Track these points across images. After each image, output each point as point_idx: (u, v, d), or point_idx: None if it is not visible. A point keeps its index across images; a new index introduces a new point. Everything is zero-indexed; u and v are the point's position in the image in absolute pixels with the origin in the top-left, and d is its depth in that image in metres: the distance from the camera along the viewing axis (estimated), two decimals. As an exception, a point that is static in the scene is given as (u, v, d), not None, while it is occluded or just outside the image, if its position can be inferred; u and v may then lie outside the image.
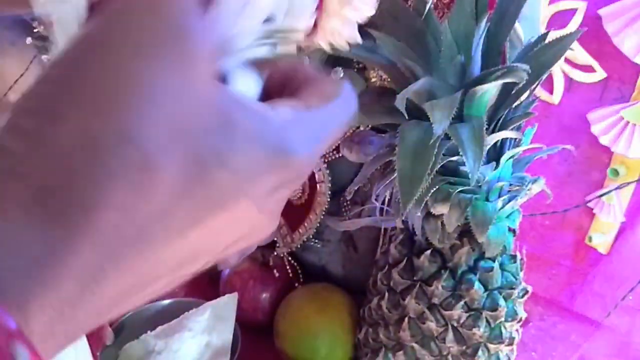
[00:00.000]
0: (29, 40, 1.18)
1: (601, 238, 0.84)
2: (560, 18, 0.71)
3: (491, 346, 0.47)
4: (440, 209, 0.42)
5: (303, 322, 0.58)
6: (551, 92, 0.77)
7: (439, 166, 0.38)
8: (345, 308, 0.59)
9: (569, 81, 0.74)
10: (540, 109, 0.79)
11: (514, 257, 0.48)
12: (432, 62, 0.40)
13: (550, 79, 0.75)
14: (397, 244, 0.49)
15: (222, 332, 0.56)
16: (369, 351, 0.53)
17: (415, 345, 0.48)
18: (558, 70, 0.74)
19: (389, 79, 0.51)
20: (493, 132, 0.38)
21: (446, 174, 0.41)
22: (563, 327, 0.73)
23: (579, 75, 0.74)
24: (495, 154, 0.42)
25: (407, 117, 0.36)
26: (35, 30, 0.89)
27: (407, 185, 0.35)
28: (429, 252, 0.46)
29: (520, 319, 0.49)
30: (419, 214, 0.44)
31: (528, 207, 0.84)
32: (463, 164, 0.40)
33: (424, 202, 0.41)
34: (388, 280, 0.50)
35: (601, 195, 0.81)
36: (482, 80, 0.35)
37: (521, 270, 0.49)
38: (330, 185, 0.62)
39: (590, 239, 0.83)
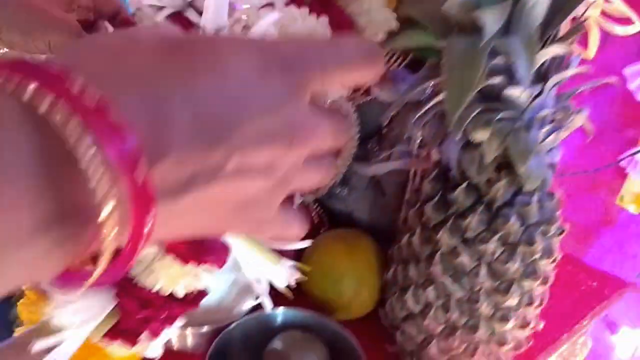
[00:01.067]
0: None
1: (633, 198, 0.82)
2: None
3: (525, 283, 0.46)
4: (480, 136, 0.41)
5: (330, 264, 0.57)
6: (586, 46, 0.74)
7: (482, 85, 0.37)
8: (372, 251, 0.59)
9: (605, 35, 0.72)
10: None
11: (552, 194, 0.47)
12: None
13: (584, 33, 0.72)
14: (431, 179, 0.48)
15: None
16: (397, 290, 0.52)
17: (447, 281, 0.47)
18: (593, 23, 0.72)
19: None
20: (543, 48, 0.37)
21: (488, 99, 0.40)
22: (592, 287, 0.72)
23: (615, 29, 0.72)
24: (539, 79, 0.41)
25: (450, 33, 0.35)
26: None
27: (456, 93, 0.34)
28: (464, 185, 0.45)
29: (555, 259, 0.48)
30: (455, 145, 0.43)
31: (558, 168, 0.82)
32: (506, 86, 0.39)
33: (463, 127, 0.39)
34: (420, 217, 0.49)
35: (634, 154, 0.79)
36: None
37: (558, 209, 0.47)
38: (358, 129, 0.61)
39: (621, 199, 0.81)
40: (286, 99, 0.20)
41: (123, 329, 0.44)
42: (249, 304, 0.55)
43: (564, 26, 0.38)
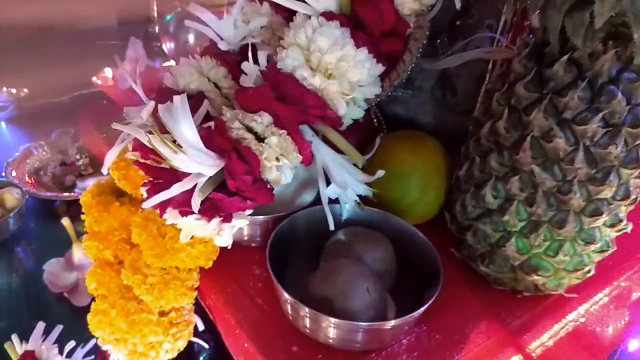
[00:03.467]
0: None
1: None
2: None
3: (624, 171, 0.41)
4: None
5: (396, 162, 0.53)
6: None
7: None
8: (439, 152, 0.54)
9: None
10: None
11: (662, 72, 0.41)
12: None
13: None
14: (523, 57, 0.43)
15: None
16: (472, 187, 0.48)
17: (536, 169, 0.42)
18: None
19: None
20: None
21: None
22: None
23: None
24: None
25: None
26: None
27: None
28: (564, 58, 0.40)
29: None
30: (559, 9, 0.38)
31: None
32: None
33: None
34: (508, 99, 0.44)
35: None
36: None
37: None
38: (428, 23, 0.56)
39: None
40: None
41: (216, 199, 0.41)
42: (309, 197, 0.52)
43: None
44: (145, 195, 0.43)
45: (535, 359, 0.45)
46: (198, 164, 0.40)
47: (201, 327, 0.62)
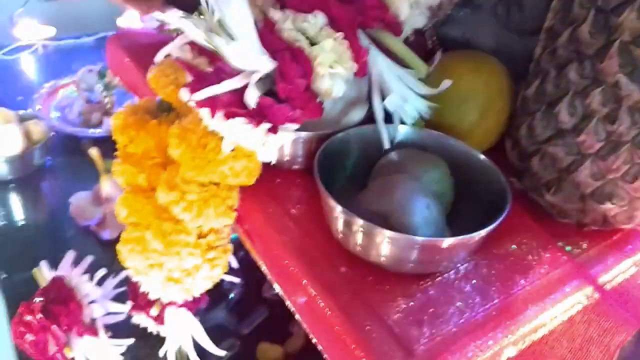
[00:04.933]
0: None
1: None
2: None
3: None
4: None
5: (454, 83, 0.48)
6: None
7: None
8: (502, 74, 0.50)
9: None
10: None
11: None
12: None
13: None
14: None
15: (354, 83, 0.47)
16: (543, 106, 0.43)
17: (622, 78, 0.38)
18: None
19: None
20: None
21: None
22: None
23: None
24: None
25: None
26: None
27: None
28: (668, -52, 0.35)
29: None
30: None
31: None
32: None
33: None
34: (593, 2, 0.39)
35: None
36: None
37: None
38: None
39: None
40: None
41: (265, 104, 0.38)
42: (357, 115, 0.48)
43: None
44: (187, 97, 0.39)
45: (608, 292, 0.41)
46: (252, 56, 0.36)
47: (235, 264, 0.59)
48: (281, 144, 0.43)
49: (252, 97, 0.36)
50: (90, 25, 1.30)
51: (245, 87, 0.38)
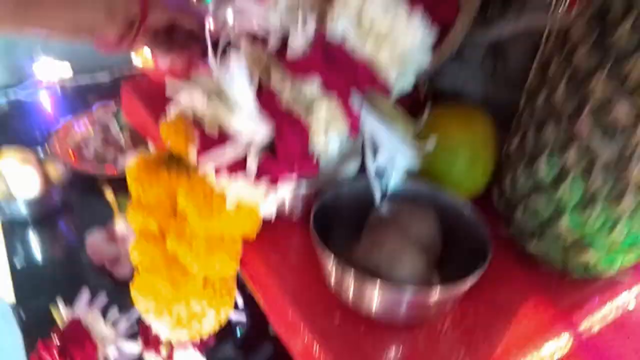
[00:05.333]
0: None
1: None
2: None
3: (693, 145, 0.39)
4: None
5: (442, 133, 0.51)
6: None
7: None
8: (488, 126, 0.53)
9: None
10: None
11: None
12: None
13: None
14: (582, 23, 0.41)
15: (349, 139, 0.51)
16: (524, 160, 0.46)
17: (594, 139, 0.40)
18: None
19: None
20: None
21: None
22: None
23: None
24: None
25: None
26: None
27: None
28: (629, 23, 0.38)
29: None
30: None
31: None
32: None
33: None
34: (566, 66, 0.42)
35: None
36: None
37: None
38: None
39: None
40: None
41: (265, 164, 0.41)
42: (352, 168, 0.51)
43: None
44: (194, 157, 0.43)
45: (585, 341, 0.44)
46: (253, 125, 0.39)
47: (240, 303, 0.62)
48: (281, 199, 0.46)
49: (252, 165, 0.40)
50: (107, 62, 1.36)
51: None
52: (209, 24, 0.64)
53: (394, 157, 0.46)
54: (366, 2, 0.43)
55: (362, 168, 0.50)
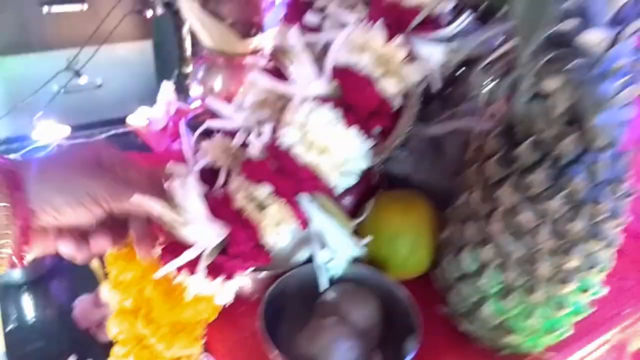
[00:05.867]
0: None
1: None
2: None
3: (588, 245, 0.44)
4: (551, 85, 0.40)
5: (386, 221, 0.57)
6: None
7: (553, 28, 0.36)
8: (428, 212, 0.58)
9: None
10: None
11: (622, 153, 0.44)
12: None
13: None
14: (495, 135, 0.47)
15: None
16: (454, 250, 0.52)
17: (505, 240, 0.46)
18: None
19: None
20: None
21: (560, 45, 0.39)
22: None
23: None
24: (616, 24, 0.38)
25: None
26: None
27: (525, 30, 0.33)
28: (530, 140, 0.44)
29: (623, 223, 0.46)
30: (523, 96, 0.42)
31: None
32: (579, 32, 0.38)
33: (533, 73, 0.38)
34: (481, 173, 0.48)
35: None
36: None
37: (629, 169, 0.45)
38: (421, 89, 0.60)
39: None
40: None
41: (220, 262, 0.47)
42: (305, 254, 0.56)
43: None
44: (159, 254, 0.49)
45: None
46: (204, 235, 0.45)
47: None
48: (237, 287, 0.52)
49: (204, 267, 0.45)
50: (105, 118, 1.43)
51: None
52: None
53: (337, 248, 0.52)
54: (309, 119, 0.49)
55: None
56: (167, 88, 1.21)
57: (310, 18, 0.59)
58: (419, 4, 0.49)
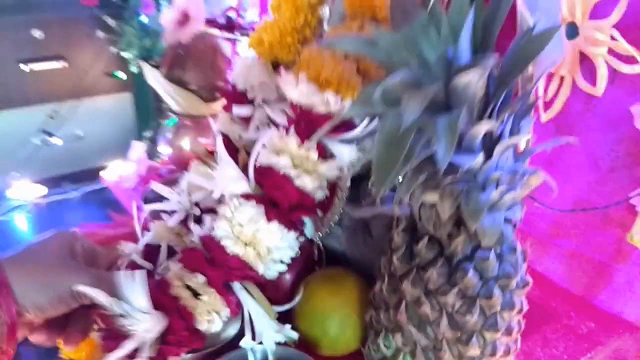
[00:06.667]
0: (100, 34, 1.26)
1: (643, 237, 0.80)
2: (602, 9, 0.69)
3: (486, 334, 0.48)
4: (431, 198, 0.43)
5: (316, 302, 0.61)
6: (594, 83, 0.74)
7: (423, 156, 0.39)
8: (357, 292, 0.62)
9: (613, 73, 0.72)
10: (582, 101, 0.77)
11: (514, 248, 0.48)
12: (425, 55, 0.41)
13: (593, 70, 0.73)
14: (401, 230, 0.51)
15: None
16: (374, 332, 0.55)
17: (412, 329, 0.49)
18: (601, 61, 0.72)
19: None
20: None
21: (435, 164, 0.42)
22: (593, 327, 0.72)
23: (622, 67, 0.71)
24: (490, 145, 0.42)
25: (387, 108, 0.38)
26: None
27: (381, 172, 0.36)
28: (426, 238, 0.48)
29: (521, 310, 0.49)
30: (415, 205, 0.46)
31: (568, 202, 0.81)
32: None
33: (412, 189, 0.42)
34: (389, 265, 0.51)
35: (643, 193, 0.77)
36: (462, 70, 0.36)
37: (523, 262, 0.49)
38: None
39: (632, 238, 0.79)
40: None
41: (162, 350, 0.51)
42: (233, 330, 0.60)
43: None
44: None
45: None
46: (147, 324, 0.49)
47: None
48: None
49: (144, 356, 0.49)
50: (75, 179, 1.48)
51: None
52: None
53: (263, 332, 0.55)
54: (234, 216, 0.53)
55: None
56: (138, 147, 1.25)
57: (240, 111, 0.64)
58: (328, 111, 0.53)
